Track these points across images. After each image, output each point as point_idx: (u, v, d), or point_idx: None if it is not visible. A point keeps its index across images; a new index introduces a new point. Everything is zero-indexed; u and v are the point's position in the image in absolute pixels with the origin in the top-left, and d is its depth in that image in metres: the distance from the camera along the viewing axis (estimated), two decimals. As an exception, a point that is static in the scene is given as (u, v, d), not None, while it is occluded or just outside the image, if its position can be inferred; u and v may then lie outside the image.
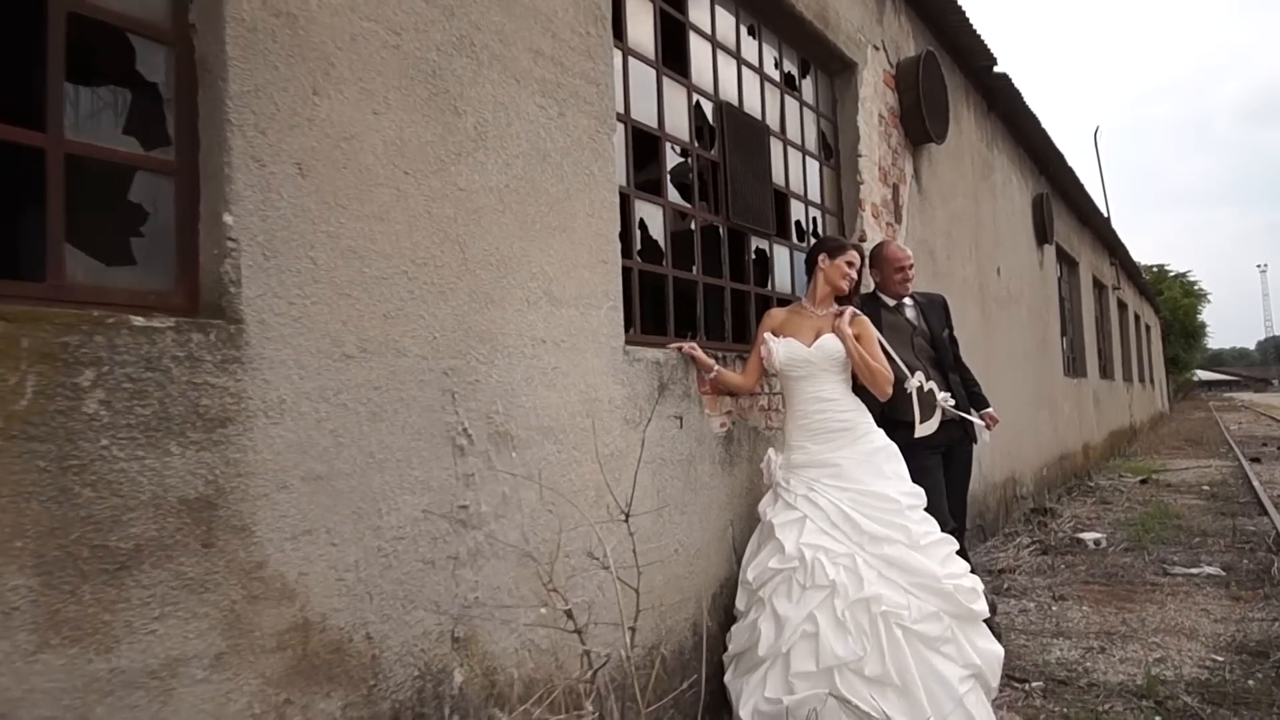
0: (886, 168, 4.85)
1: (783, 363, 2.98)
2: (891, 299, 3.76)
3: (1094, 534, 5.96)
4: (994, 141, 7.40)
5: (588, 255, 2.45)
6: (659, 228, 3.04)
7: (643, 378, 2.63)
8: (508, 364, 2.14)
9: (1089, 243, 12.17)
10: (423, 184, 1.95)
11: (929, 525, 2.82)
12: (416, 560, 1.86)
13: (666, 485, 2.71)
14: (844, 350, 2.93)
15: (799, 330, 3.02)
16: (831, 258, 3.06)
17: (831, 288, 3.06)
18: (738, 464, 3.12)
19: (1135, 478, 9.87)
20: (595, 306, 2.46)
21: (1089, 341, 11.55)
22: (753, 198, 3.59)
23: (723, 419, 3.07)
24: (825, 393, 2.94)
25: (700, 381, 2.93)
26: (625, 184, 2.89)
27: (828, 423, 2.92)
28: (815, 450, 2.92)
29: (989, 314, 6.68)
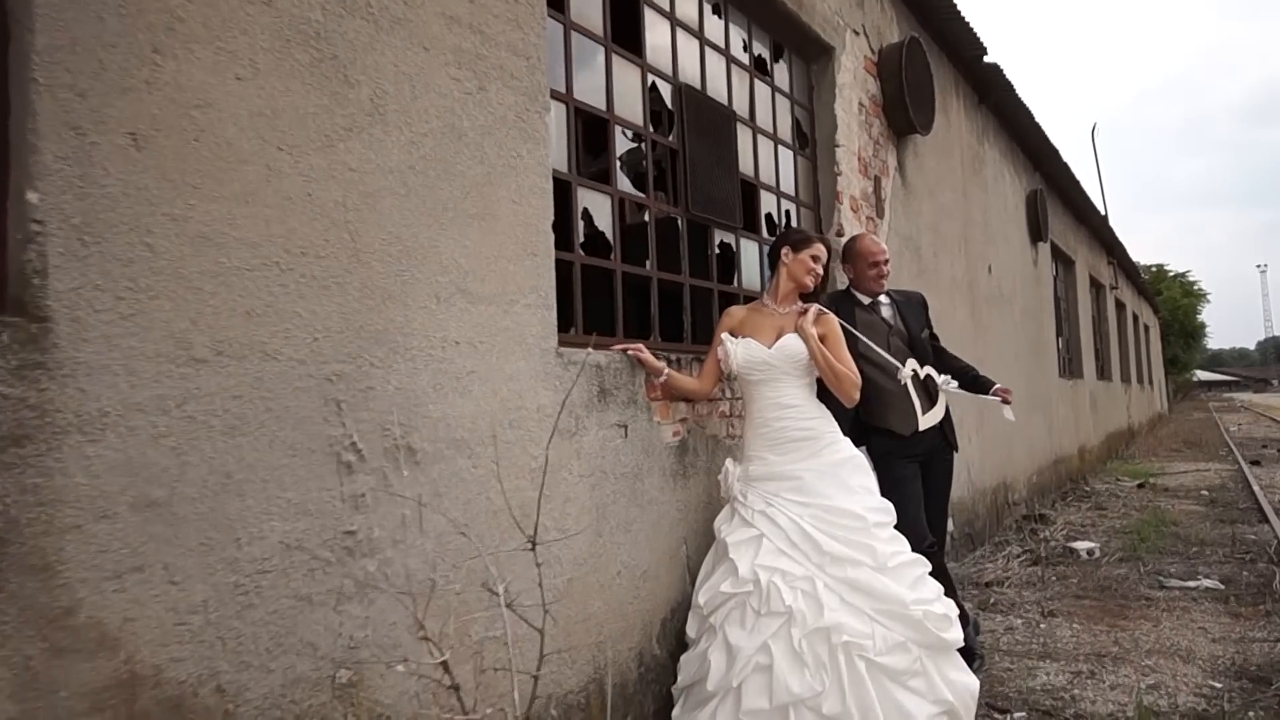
0: (867, 159, 4.60)
1: (740, 365, 2.73)
2: (866, 297, 3.50)
3: (1087, 543, 5.71)
4: (985, 135, 7.15)
5: (513, 246, 2.20)
6: (607, 218, 2.80)
7: (579, 382, 2.38)
8: (410, 368, 1.89)
9: (1085, 241, 11.93)
10: (302, 162, 1.70)
11: (898, 545, 2.56)
12: (287, 596, 1.60)
13: (608, 501, 2.46)
14: (807, 351, 2.68)
15: (759, 330, 2.77)
16: (795, 251, 2.81)
17: (795, 284, 2.81)
18: (693, 476, 2.86)
19: (1132, 482, 9.63)
20: (522, 303, 2.21)
21: (1086, 342, 11.30)
22: (716, 188, 3.34)
23: (676, 427, 2.82)
24: (786, 398, 2.69)
25: (650, 386, 2.68)
26: (567, 170, 2.64)
27: (788, 431, 2.67)
28: (775, 461, 2.67)
29: (979, 314, 6.43)
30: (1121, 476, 10.21)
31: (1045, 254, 9.14)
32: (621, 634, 2.48)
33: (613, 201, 2.81)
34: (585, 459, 2.38)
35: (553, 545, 2.24)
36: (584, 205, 2.70)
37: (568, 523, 2.30)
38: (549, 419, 2.27)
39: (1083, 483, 9.50)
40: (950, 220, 5.94)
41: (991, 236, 7.03)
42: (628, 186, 2.93)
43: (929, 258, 5.40)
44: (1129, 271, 16.46)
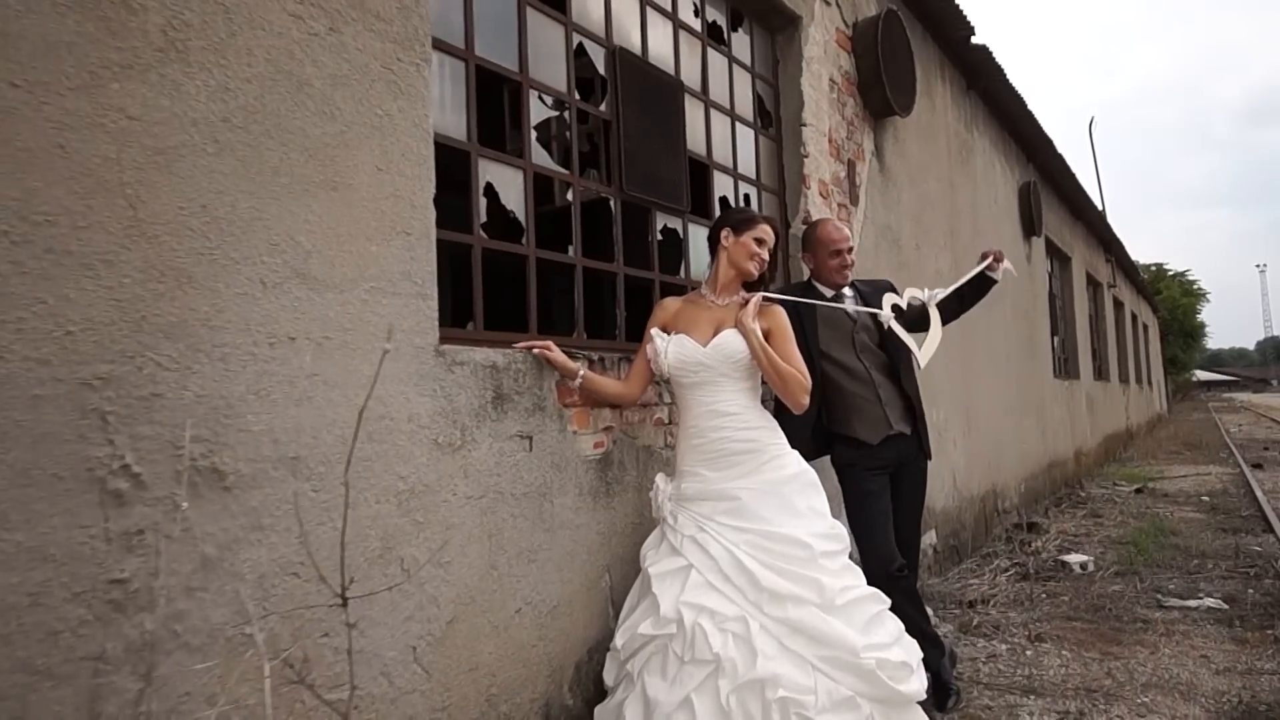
0: (840, 141, 4.22)
1: (672, 366, 2.35)
2: (829, 289, 3.13)
3: (1080, 556, 5.33)
4: (974, 122, 6.77)
5: (376, 223, 1.82)
6: (517, 196, 2.42)
7: (467, 387, 2.00)
8: (220, 370, 1.51)
9: (1082, 237, 11.55)
10: (50, 105, 1.32)
11: (849, 577, 2.18)
12: (11, 671, 1.22)
13: (504, 526, 2.08)
14: (748, 349, 2.30)
15: (695, 325, 2.40)
16: (736, 234, 2.43)
17: (737, 271, 2.43)
18: (619, 494, 2.48)
19: (1130, 486, 9.25)
20: (388, 292, 1.83)
21: (1082, 342, 10.93)
22: (659, 166, 2.96)
23: (599, 438, 2.44)
24: (724, 404, 2.31)
25: (563, 391, 2.30)
26: (465, 137, 2.26)
27: (726, 443, 2.29)
28: (710, 478, 2.29)
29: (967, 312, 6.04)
30: (1119, 481, 9.83)
31: (1039, 250, 8.76)
32: (522, 683, 2.10)
33: (525, 177, 2.43)
34: (474, 477, 2.00)
35: (427, 583, 1.86)
36: (488, 179, 2.32)
37: (449, 553, 1.92)
38: (425, 430, 1.89)
39: (1078, 488, 9.12)
40: (935, 211, 5.56)
41: (981, 229, 6.65)
42: (546, 160, 2.55)
43: (910, 250, 5.02)
44: (1127, 270, 16.09)
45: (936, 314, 2.92)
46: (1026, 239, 8.22)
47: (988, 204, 6.92)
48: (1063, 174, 9.39)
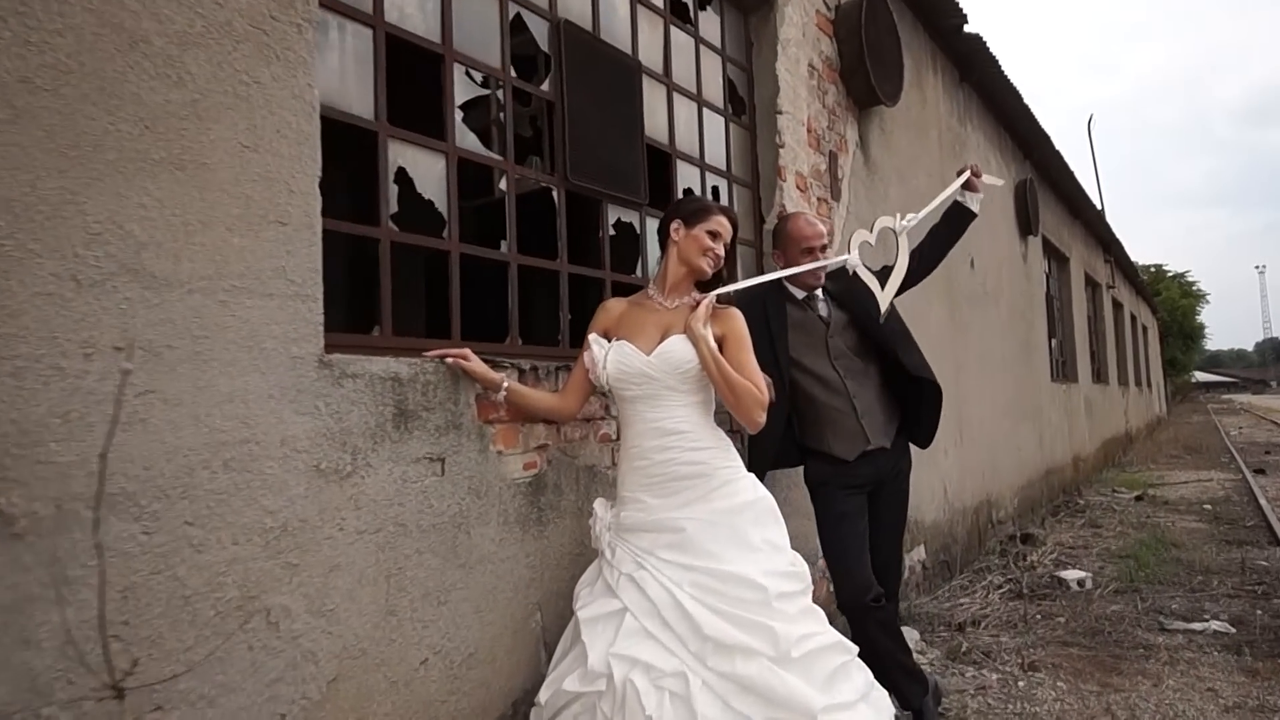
0: (820, 131, 3.94)
1: (612, 376, 2.06)
2: (800, 290, 2.84)
3: (1078, 573, 5.04)
4: (967, 116, 6.49)
5: (239, 210, 1.53)
6: (438, 184, 2.13)
7: (361, 402, 1.72)
8: (12, 388, 1.22)
9: (1081, 237, 11.27)
10: None
11: (809, 623, 1.89)
12: None
13: (407, 564, 1.79)
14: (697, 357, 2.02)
15: (639, 330, 2.11)
16: (688, 226, 2.14)
17: (688, 269, 2.14)
18: (554, 520, 2.20)
19: (1130, 494, 8.97)
20: (256, 292, 1.55)
21: (1081, 344, 10.65)
22: (611, 154, 2.68)
23: (531, 458, 2.15)
24: (671, 420, 2.02)
25: (486, 406, 2.02)
26: (373, 115, 1.97)
27: (672, 465, 2.00)
28: (653, 506, 2.00)
29: (959, 313, 5.77)
30: (1118, 488, 9.55)
31: (1036, 249, 8.48)
32: (429, 746, 1.81)
33: (448, 163, 2.14)
34: (369, 508, 1.71)
35: (303, 636, 1.57)
36: (400, 164, 2.03)
37: (332, 600, 1.63)
38: (304, 454, 1.60)
39: (1076, 495, 8.84)
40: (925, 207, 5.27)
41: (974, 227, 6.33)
42: (475, 145, 2.26)
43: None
44: (1127, 270, 15.82)
45: (905, 243, 2.63)
46: (1023, 238, 7.94)
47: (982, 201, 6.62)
48: (1060, 171, 9.11)
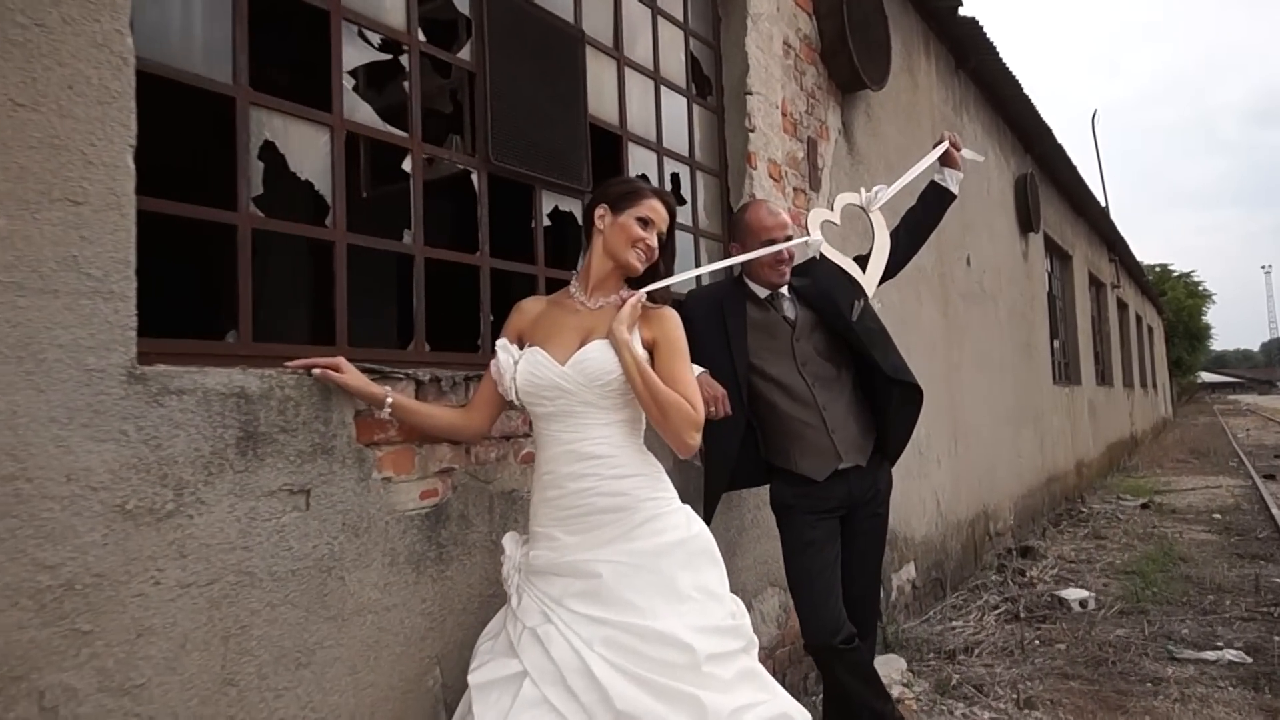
0: (796, 116, 3.61)
1: (521, 389, 1.74)
2: (762, 289, 2.52)
3: (1080, 592, 4.70)
4: (963, 106, 6.15)
5: (7, 185, 1.21)
6: (320, 162, 1.81)
7: (190, 425, 1.40)
8: None
9: (1084, 235, 10.92)
10: None
11: (747, 692, 1.56)
12: None
13: (254, 621, 1.47)
14: (619, 366, 1.69)
15: (557, 334, 1.79)
16: (614, 211, 1.82)
17: (615, 263, 1.82)
18: (459, 559, 1.87)
19: (1135, 501, 8.62)
20: (34, 289, 1.23)
21: (1084, 345, 10.30)
22: (547, 134, 2.36)
23: (431, 484, 1.83)
24: (588, 442, 1.70)
25: (369, 425, 1.70)
26: (231, 78, 1.65)
27: (588, 495, 1.68)
28: (566, 544, 1.68)
29: (954, 313, 5.44)
30: (1124, 494, 9.20)
31: (1037, 247, 8.14)
32: (282, 841, 1.49)
33: (333, 138, 1.82)
34: (199, 555, 1.39)
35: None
36: (268, 138, 1.71)
37: (142, 672, 1.31)
38: (103, 491, 1.28)
39: (1079, 503, 8.50)
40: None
41: (971, 223, 6.04)
42: (369, 118, 1.94)
43: (885, 244, 4.40)
44: (1132, 269, 15.43)
45: (880, 220, 2.31)
46: (1023, 235, 7.61)
47: (978, 195, 6.30)
48: (1063, 166, 8.76)
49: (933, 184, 2.70)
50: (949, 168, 2.66)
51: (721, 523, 2.84)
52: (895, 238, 2.71)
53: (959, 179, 2.69)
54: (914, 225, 2.71)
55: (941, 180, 2.68)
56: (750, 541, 2.97)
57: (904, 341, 4.58)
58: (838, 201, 2.36)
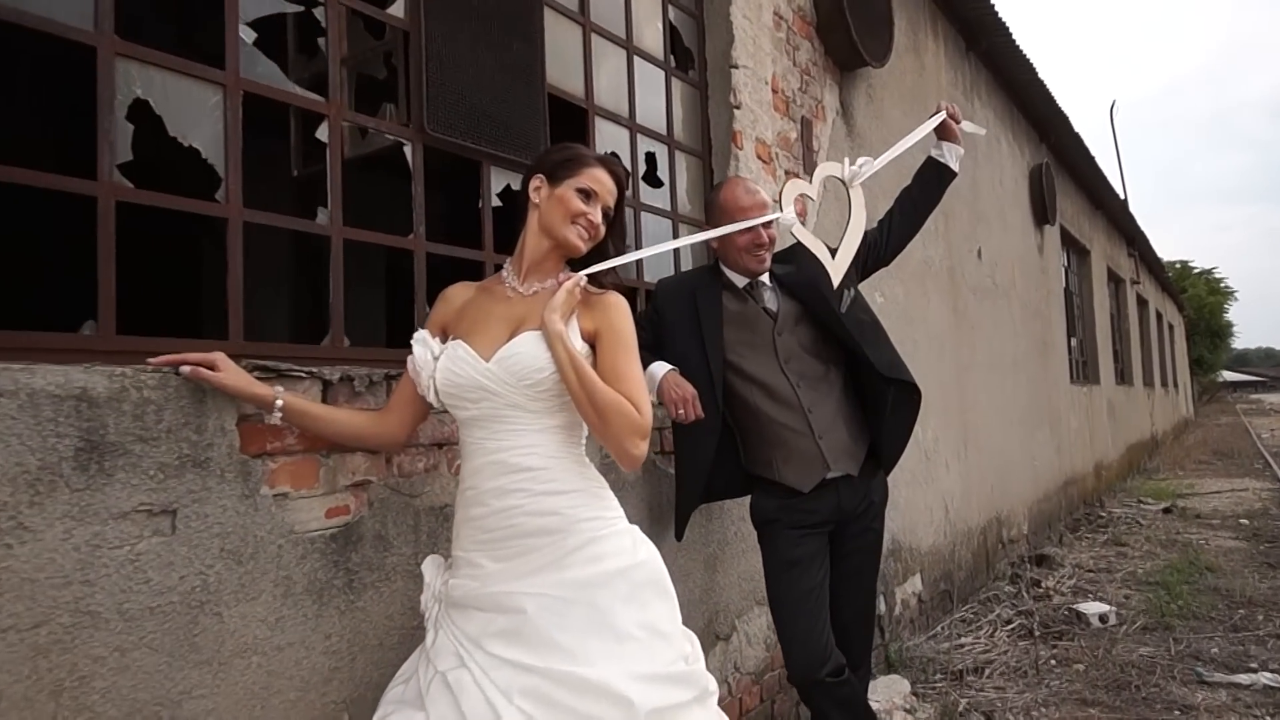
0: (789, 93, 3.34)
1: (441, 389, 1.49)
2: (740, 276, 2.25)
3: (1099, 606, 4.39)
4: (975, 90, 5.85)
5: None
6: (210, 128, 1.56)
7: (9, 435, 1.15)
8: None
9: (1102, 229, 10.55)
10: None
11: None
12: None
13: (98, 672, 1.22)
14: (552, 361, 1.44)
15: (484, 325, 1.53)
16: (552, 181, 1.56)
17: (552, 241, 1.56)
18: (374, 586, 1.62)
19: (1157, 505, 8.26)
20: None
21: (1103, 342, 9.93)
22: (495, 102, 2.10)
23: (341, 500, 1.58)
24: (516, 452, 1.44)
25: (260, 433, 1.45)
26: (93, 24, 1.41)
27: (516, 515, 1.42)
28: (489, 572, 1.43)
29: (964, 308, 5.14)
30: (1145, 498, 8.83)
31: (1053, 240, 7.81)
32: None
33: (226, 99, 1.57)
34: (19, 594, 1.15)
35: None
36: (140, 95, 1.47)
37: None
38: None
39: (1098, 507, 8.15)
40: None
41: (982, 214, 5.73)
42: (275, 78, 1.69)
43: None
44: (1152, 265, 14.99)
45: (859, 196, 2.04)
46: (1038, 227, 7.28)
47: (991, 185, 5.99)
48: (1080, 156, 8.42)
49: (930, 160, 2.42)
50: (947, 141, 2.38)
51: (701, 535, 2.58)
52: (889, 221, 2.44)
53: (959, 155, 2.41)
54: (909, 207, 2.43)
55: (939, 156, 2.40)
56: (734, 556, 2.70)
57: (910, 338, 4.32)
58: (817, 173, 2.09)
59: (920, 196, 2.45)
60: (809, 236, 2.08)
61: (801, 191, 2.04)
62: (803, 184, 2.04)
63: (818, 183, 2.07)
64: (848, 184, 2.13)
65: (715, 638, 2.60)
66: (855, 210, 2.15)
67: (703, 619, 2.54)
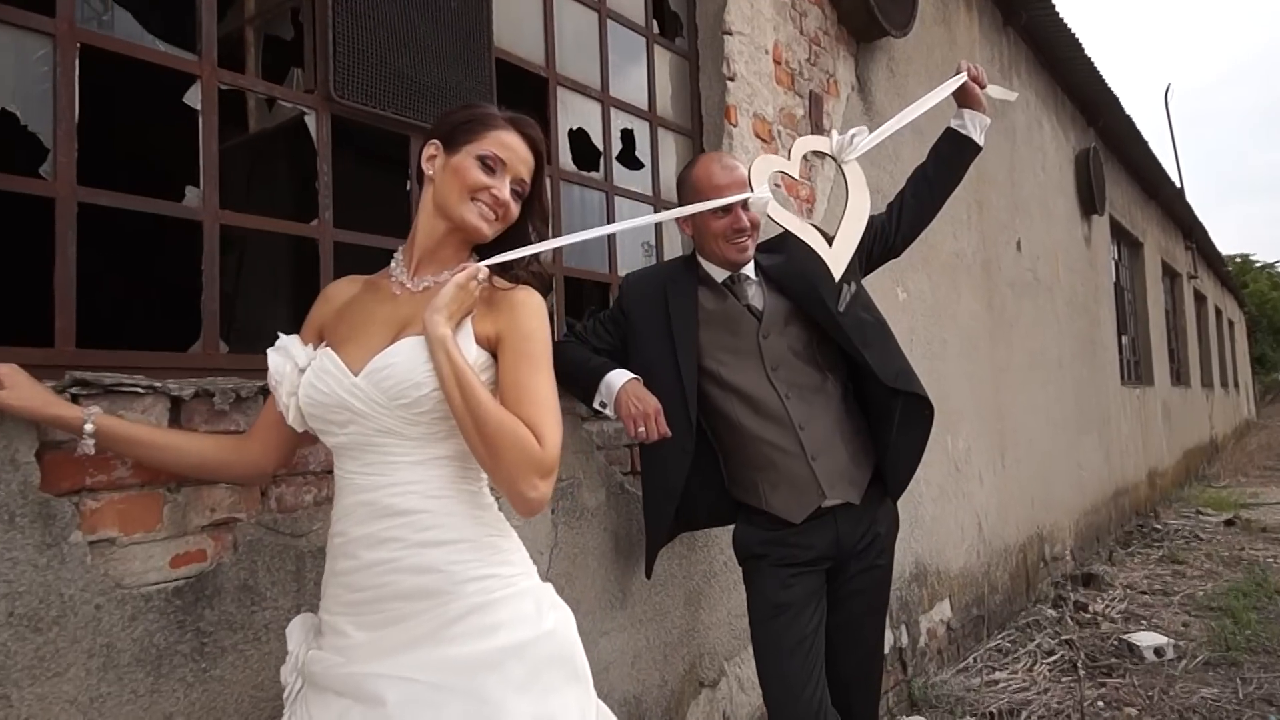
0: (795, 64, 2.98)
1: (305, 408, 1.18)
2: (720, 269, 1.91)
3: (1154, 637, 3.93)
4: (1013, 68, 5.38)
5: None
6: (37, 91, 1.28)
7: None
8: None
9: (1156, 220, 9.89)
10: None
11: None
12: None
13: None
14: (435, 375, 1.12)
15: (363, 328, 1.22)
16: (449, 148, 1.24)
17: (449, 223, 1.24)
18: (236, 649, 1.32)
19: (1217, 516, 7.65)
20: None
21: (1157, 341, 9.29)
22: (424, 67, 1.79)
23: (194, 543, 1.28)
24: (392, 490, 1.13)
25: (73, 465, 1.16)
26: None
27: (388, 572, 1.11)
28: (354, 644, 1.12)
29: (1000, 304, 4.70)
30: (1203, 508, 8.21)
31: (1102, 231, 7.27)
32: None
33: (57, 51, 1.28)
34: None
35: None
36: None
37: None
38: None
39: (1153, 518, 7.57)
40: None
41: (1022, 203, 5.27)
42: (129, 29, 1.40)
43: (913, 223, 3.71)
44: (1210, 259, 14.15)
45: (858, 176, 1.71)
46: (1085, 217, 6.76)
47: (1031, 171, 5.52)
48: (1132, 141, 7.84)
49: (949, 132, 2.04)
50: (970, 109, 2.01)
51: (682, 568, 2.25)
52: (899, 204, 2.08)
53: (984, 125, 2.03)
54: (924, 187, 2.06)
55: (960, 127, 2.02)
56: (721, 590, 2.36)
57: (939, 337, 3.91)
58: (796, 147, 1.74)
59: (937, 175, 2.08)
60: (795, 220, 1.73)
61: (777, 169, 1.69)
62: (777, 160, 1.70)
63: (797, 158, 1.73)
64: (838, 159, 1.77)
65: (700, 684, 2.26)
66: (853, 190, 1.80)
67: (683, 664, 2.21)
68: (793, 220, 1.70)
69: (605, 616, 1.99)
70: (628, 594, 2.07)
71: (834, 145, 1.75)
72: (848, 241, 1.75)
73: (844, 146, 1.76)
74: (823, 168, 3.10)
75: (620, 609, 2.03)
